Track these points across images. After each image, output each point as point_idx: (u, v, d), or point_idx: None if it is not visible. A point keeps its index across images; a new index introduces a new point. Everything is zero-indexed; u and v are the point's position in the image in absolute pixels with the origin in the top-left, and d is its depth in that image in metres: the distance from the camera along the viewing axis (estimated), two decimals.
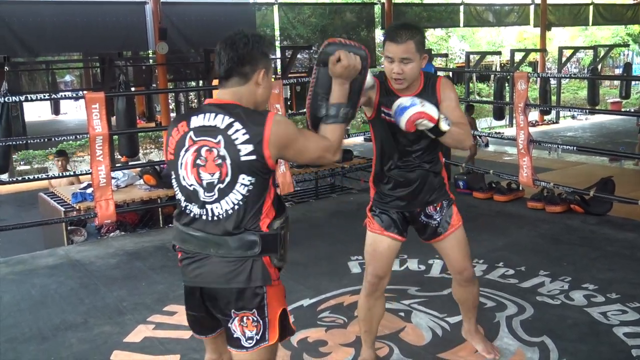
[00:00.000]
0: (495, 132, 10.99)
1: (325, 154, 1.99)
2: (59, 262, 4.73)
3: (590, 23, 16.87)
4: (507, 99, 12.92)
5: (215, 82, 11.45)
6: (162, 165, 6.28)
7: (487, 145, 11.67)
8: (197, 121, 1.93)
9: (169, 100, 11.69)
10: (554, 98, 15.12)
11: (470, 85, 15.31)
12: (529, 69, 16.94)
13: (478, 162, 8.61)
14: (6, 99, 5.23)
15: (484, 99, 16.63)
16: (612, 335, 3.20)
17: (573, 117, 15.87)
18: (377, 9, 13.73)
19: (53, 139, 5.15)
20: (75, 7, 10.04)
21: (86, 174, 5.34)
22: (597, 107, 14.05)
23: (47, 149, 12.31)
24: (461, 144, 2.51)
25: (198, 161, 1.90)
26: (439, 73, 8.29)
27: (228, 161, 1.87)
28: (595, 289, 3.78)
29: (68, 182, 6.63)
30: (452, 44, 24.32)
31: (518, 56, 15.23)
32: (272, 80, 2.10)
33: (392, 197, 2.71)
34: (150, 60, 12.98)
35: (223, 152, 1.87)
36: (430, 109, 2.32)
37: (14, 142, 6.33)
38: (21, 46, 9.71)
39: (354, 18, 13.54)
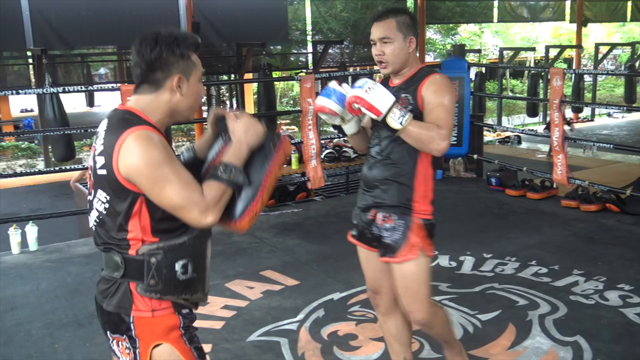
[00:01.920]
0: (529, 129, 10.85)
1: (190, 208, 1.61)
2: (94, 251, 4.79)
3: (628, 19, 16.49)
4: (541, 96, 12.73)
5: (247, 75, 11.55)
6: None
7: (519, 142, 11.53)
8: (99, 125, 1.75)
9: None
10: (589, 95, 14.85)
11: (504, 81, 15.12)
12: (564, 66, 16.62)
13: (510, 159, 8.50)
14: (45, 90, 5.37)
15: (517, 95, 16.42)
16: None
17: (609, 114, 15.56)
18: (409, 3, 13.63)
19: (89, 130, 5.22)
20: (110, 0, 10.19)
21: None
22: (634, 105, 13.74)
23: (82, 140, 12.52)
24: (425, 146, 2.22)
25: (89, 168, 1.77)
26: (472, 69, 8.22)
27: (92, 172, 1.71)
28: (631, 290, 3.72)
29: None
30: (486, 39, 24.05)
31: (553, 52, 14.99)
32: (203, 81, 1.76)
33: (359, 199, 2.48)
34: None
35: (92, 161, 1.71)
36: (375, 99, 2.13)
37: (51, 133, 6.45)
38: (58, 39, 9.89)
39: None
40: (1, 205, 8.32)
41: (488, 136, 11.03)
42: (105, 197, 1.65)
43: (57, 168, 5.74)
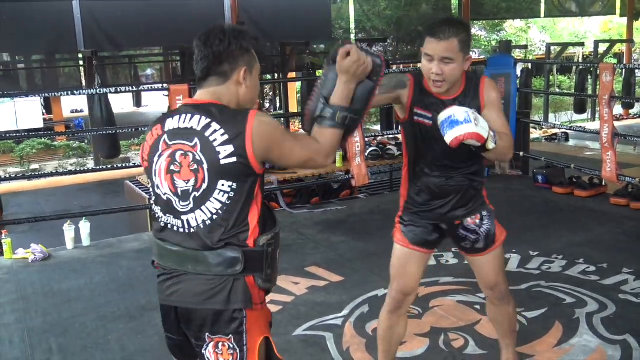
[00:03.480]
0: (577, 126, 10.65)
1: (314, 157, 1.76)
2: (144, 247, 4.95)
3: None
4: (589, 92, 12.45)
5: (291, 74, 11.64)
6: None
7: (567, 139, 11.30)
8: (172, 123, 1.74)
9: None
10: (639, 91, 14.44)
11: (551, 77, 14.83)
12: (614, 61, 16.18)
13: (558, 156, 8.36)
14: (97, 90, 5.57)
15: (565, 91, 16.08)
16: None
17: None
18: (454, 0, 13.51)
19: (140, 129, 5.40)
20: (157, 2, 10.41)
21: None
22: None
23: (129, 140, 12.83)
24: (502, 157, 2.35)
25: (172, 167, 1.71)
26: (518, 65, 8.10)
27: (205, 166, 1.67)
28: None
29: None
30: (532, 35, 23.61)
31: (602, 48, 14.62)
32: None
33: (425, 208, 2.45)
34: None
35: (199, 156, 1.67)
36: (482, 129, 2.07)
37: (103, 132, 6.65)
38: (108, 41, 10.16)
39: (430, 10, 13.37)
40: (54, 202, 8.61)
41: (534, 133, 10.83)
42: (230, 186, 1.67)
43: (108, 166, 5.92)
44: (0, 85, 11.13)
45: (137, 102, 17.75)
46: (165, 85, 5.66)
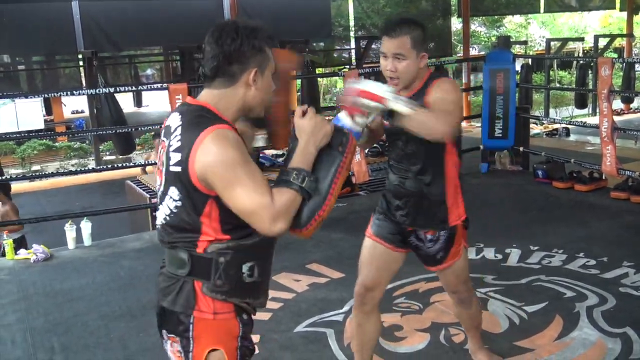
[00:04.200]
0: (577, 121, 10.63)
1: (259, 212, 1.53)
2: (145, 246, 4.96)
3: None
4: (590, 87, 12.44)
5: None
6: None
7: (568, 134, 11.29)
8: (168, 120, 1.70)
9: None
10: None
11: (551, 73, 14.81)
12: (614, 55, 16.16)
13: (559, 151, 8.36)
14: (99, 90, 5.60)
15: (565, 86, 16.06)
16: None
17: None
18: None
19: (140, 129, 5.43)
20: (156, 2, 10.42)
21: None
22: None
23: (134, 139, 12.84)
24: (429, 130, 2.10)
25: (158, 163, 1.72)
26: (518, 60, 8.09)
27: (163, 169, 1.64)
28: None
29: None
30: (532, 30, 23.58)
31: (602, 42, 14.60)
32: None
33: (388, 205, 2.49)
34: None
35: (165, 158, 1.64)
36: (371, 86, 1.90)
37: (104, 132, 6.68)
38: (107, 42, 10.18)
39: (429, 7, 13.37)
40: (56, 203, 8.64)
41: (535, 129, 10.83)
42: (178, 195, 1.60)
43: (109, 166, 5.93)
44: (0, 87, 11.16)
45: (138, 102, 17.73)
46: (165, 85, 5.66)
